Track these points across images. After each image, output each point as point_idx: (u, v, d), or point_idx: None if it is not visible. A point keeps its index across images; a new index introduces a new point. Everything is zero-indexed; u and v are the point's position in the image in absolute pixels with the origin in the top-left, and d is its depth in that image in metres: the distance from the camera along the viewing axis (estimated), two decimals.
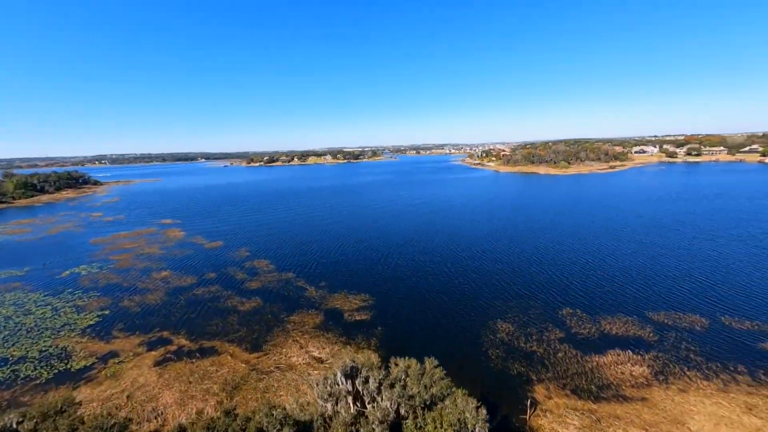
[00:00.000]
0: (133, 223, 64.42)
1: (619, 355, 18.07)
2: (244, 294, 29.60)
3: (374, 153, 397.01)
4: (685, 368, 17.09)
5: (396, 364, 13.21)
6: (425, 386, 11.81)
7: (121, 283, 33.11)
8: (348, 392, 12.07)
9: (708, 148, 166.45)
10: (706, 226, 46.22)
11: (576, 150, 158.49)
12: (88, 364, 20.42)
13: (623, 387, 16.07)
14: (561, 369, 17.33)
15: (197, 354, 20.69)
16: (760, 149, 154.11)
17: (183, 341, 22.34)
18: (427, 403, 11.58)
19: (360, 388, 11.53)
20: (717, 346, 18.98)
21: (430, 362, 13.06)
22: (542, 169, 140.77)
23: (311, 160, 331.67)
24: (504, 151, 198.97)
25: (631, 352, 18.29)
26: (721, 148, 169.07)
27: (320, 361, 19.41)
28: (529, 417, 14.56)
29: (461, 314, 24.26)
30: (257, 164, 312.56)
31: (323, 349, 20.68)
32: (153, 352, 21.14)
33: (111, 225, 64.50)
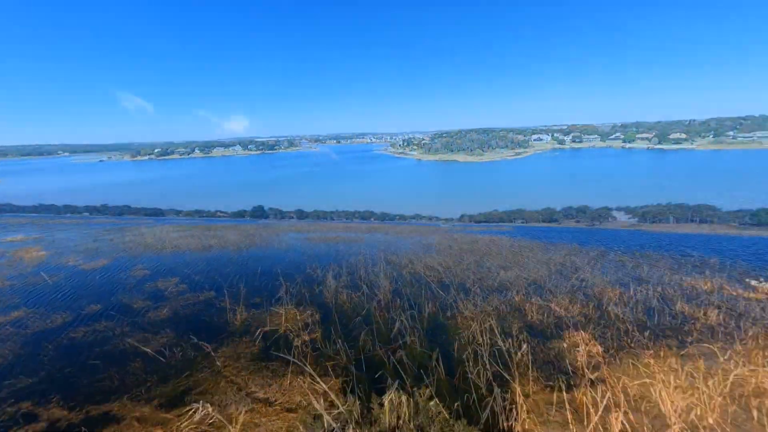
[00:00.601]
0: None
1: (574, 336, 18.93)
2: (149, 328, 22.15)
3: (291, 143, 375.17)
4: (629, 341, 18.53)
5: (380, 404, 10.81)
6: (422, 429, 9.90)
7: None
8: None
9: (586, 136, 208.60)
10: (605, 202, 55.97)
11: (488, 138, 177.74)
12: None
13: (587, 370, 16.83)
14: (531, 362, 17.41)
15: (83, 428, 14.64)
16: (622, 137, 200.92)
17: (57, 412, 15.38)
18: None
19: None
20: (643, 315, 20.66)
21: (421, 394, 11.02)
22: (461, 157, 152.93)
23: (217, 152, 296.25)
24: (424, 140, 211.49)
25: (583, 333, 19.20)
26: (596, 135, 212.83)
27: (268, 403, 15.59)
28: (516, 422, 14.02)
29: (423, 315, 22.91)
30: (146, 158, 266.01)
31: (269, 386, 16.70)
32: None
33: None
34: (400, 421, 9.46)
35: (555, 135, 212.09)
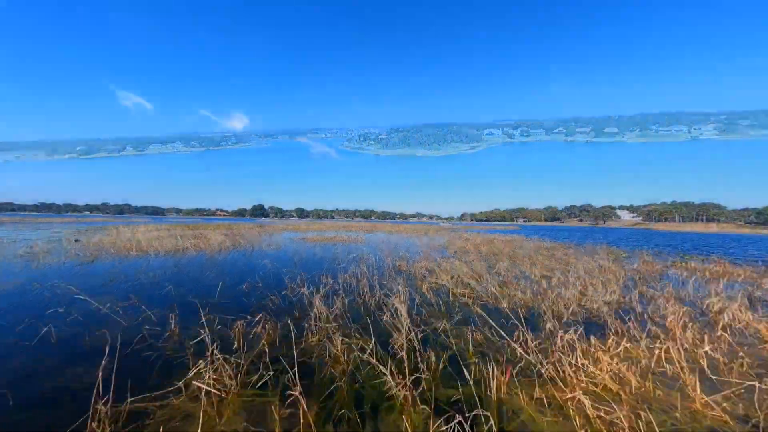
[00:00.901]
0: None
1: (555, 328, 19.43)
2: (90, 355, 18.99)
3: (239, 139, 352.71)
4: (594, 328, 19.69)
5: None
6: None
7: None
8: None
9: (532, 130, 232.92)
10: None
11: (443, 133, 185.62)
12: None
13: (568, 362, 17.12)
14: (522, 364, 17.25)
15: None
16: (564, 131, 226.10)
17: None
18: None
19: None
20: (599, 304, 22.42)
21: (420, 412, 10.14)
22: (419, 152, 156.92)
23: (154, 149, 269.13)
24: (381, 135, 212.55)
25: (564, 324, 19.94)
26: (541, 129, 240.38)
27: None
28: (508, 423, 13.80)
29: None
30: (65, 156, 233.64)
31: (245, 409, 14.99)
32: None
33: None
34: None
35: (505, 129, 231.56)
